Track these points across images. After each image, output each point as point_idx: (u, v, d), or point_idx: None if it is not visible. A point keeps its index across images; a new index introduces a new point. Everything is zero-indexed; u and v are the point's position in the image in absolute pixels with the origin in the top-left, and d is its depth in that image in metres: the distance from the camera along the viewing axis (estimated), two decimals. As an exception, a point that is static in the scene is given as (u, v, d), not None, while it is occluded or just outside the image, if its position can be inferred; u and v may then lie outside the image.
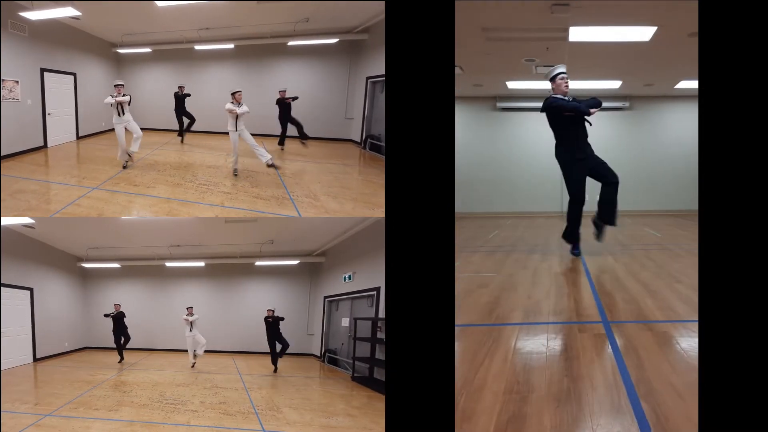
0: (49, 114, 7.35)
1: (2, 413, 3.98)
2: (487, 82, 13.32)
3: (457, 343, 3.19)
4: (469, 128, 15.18)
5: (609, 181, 6.22)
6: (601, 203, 6.34)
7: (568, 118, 6.01)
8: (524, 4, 7.50)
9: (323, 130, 9.44)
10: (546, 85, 6.19)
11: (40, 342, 7.70)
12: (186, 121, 8.71)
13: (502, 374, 2.62)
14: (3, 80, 6.28)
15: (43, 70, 7.24)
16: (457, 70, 11.58)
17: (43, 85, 7.24)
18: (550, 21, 8.05)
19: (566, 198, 6.34)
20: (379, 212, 4.68)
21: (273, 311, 7.46)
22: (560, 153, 6.27)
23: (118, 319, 8.04)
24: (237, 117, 5.81)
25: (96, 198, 4.83)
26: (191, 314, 7.62)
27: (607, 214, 6.38)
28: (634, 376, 2.54)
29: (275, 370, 6.98)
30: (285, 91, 7.92)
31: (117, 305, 8.18)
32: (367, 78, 8.63)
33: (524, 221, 12.27)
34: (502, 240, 9.14)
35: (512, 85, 13.44)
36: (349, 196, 5.26)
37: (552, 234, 10.51)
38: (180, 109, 8.66)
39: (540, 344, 3.20)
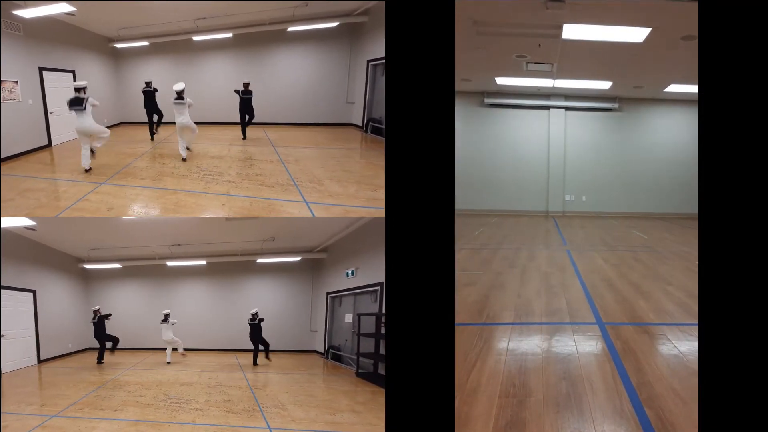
0: (51, 113, 7.32)
1: (9, 415, 3.99)
2: (475, 77, 13.18)
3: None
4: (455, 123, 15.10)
5: None
6: None
7: None
8: (520, -1, 7.43)
9: (325, 116, 9.36)
10: (538, 82, 5.79)
11: (43, 343, 7.71)
12: (155, 117, 8.28)
13: (496, 377, 2.55)
14: (2, 81, 6.23)
15: (41, 69, 7.20)
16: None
17: (42, 84, 7.20)
18: (545, 17, 7.98)
19: (554, 197, 5.59)
20: (382, 193, 4.65)
21: (257, 313, 7.59)
22: None
23: (102, 323, 7.55)
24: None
25: (104, 193, 4.84)
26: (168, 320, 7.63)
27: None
28: (633, 380, 2.49)
29: (255, 364, 7.27)
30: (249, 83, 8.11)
31: (96, 310, 7.74)
32: (368, 61, 8.54)
33: (509, 219, 12.19)
34: (488, 238, 9.07)
35: (501, 81, 13.28)
36: (352, 179, 5.30)
37: (538, 233, 10.50)
38: (150, 105, 8.26)
39: (534, 345, 3.12)
